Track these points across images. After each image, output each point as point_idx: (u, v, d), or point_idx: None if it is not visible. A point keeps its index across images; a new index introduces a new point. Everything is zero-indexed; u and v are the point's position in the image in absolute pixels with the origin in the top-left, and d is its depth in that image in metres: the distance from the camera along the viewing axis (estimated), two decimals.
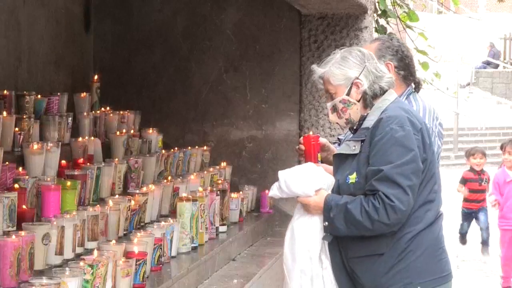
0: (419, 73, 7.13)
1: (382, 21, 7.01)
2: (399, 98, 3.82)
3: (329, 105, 3.77)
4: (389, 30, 7.04)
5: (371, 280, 3.64)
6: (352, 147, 3.67)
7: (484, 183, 10.11)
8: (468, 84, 27.89)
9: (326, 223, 3.63)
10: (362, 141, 3.64)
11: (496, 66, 29.35)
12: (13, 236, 3.66)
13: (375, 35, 6.68)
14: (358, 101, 3.69)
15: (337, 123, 3.82)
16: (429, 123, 4.07)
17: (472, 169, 10.51)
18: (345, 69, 3.69)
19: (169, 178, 5.58)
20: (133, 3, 6.72)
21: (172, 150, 5.98)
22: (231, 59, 6.63)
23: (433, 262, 3.68)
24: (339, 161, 3.74)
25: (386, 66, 4.41)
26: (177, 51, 6.68)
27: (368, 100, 3.69)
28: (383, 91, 3.70)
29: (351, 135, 3.84)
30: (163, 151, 5.86)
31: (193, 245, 4.93)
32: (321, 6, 6.09)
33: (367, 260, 3.63)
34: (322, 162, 4.49)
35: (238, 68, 6.62)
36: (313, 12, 6.28)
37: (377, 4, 6.68)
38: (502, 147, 9.20)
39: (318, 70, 3.74)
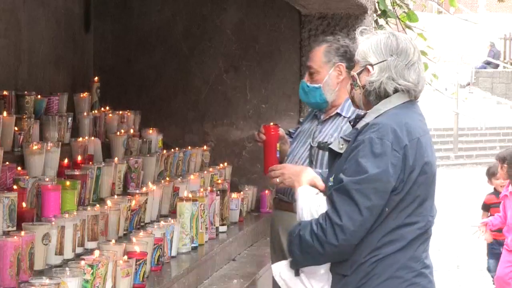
0: None
1: (382, 21, 7.01)
2: (410, 106, 3.47)
3: (351, 74, 3.55)
4: (388, 30, 7.04)
5: None
6: (340, 146, 3.45)
7: None
8: (468, 84, 27.91)
9: (290, 258, 3.41)
10: (349, 141, 3.42)
11: (496, 66, 29.37)
12: (13, 236, 3.66)
13: None
14: (363, 87, 3.44)
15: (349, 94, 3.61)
16: None
17: (495, 191, 8.35)
18: (369, 50, 3.43)
19: (169, 178, 5.58)
20: (133, 3, 6.72)
21: (172, 150, 5.98)
22: (231, 59, 6.63)
23: (400, 287, 3.36)
24: (332, 157, 3.53)
25: (338, 67, 4.51)
26: (177, 51, 6.69)
27: (368, 93, 3.43)
28: (387, 94, 3.40)
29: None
30: (163, 151, 5.86)
31: (193, 245, 4.93)
32: (321, 6, 6.09)
33: (333, 278, 3.41)
34: (280, 152, 4.57)
35: (238, 68, 6.62)
36: (313, 12, 6.28)
37: (377, 4, 6.68)
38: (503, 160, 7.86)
39: (358, 37, 3.52)
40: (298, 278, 3.45)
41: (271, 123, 4.66)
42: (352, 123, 3.54)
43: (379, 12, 6.81)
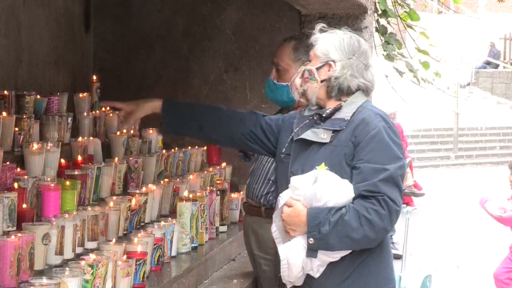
0: (420, 72, 7.14)
1: (382, 21, 7.01)
2: (368, 101, 3.67)
3: (302, 67, 3.67)
4: (389, 30, 7.03)
5: (328, 286, 3.49)
6: (322, 135, 3.51)
7: None
8: (468, 84, 27.91)
9: (312, 239, 3.40)
10: (334, 131, 3.50)
11: (496, 66, 29.37)
12: (13, 236, 3.66)
13: (376, 35, 6.68)
14: (322, 81, 3.58)
15: (296, 89, 3.71)
16: None
17: None
18: (332, 47, 3.59)
19: (169, 178, 5.58)
20: (133, 3, 6.72)
21: (172, 150, 5.98)
22: (231, 59, 6.63)
23: (387, 270, 3.58)
24: (300, 147, 3.58)
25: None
26: (177, 51, 6.68)
27: (332, 89, 3.57)
28: (350, 91, 3.57)
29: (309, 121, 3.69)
30: (163, 151, 5.86)
31: (193, 245, 4.93)
32: (321, 6, 6.08)
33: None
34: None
35: (238, 68, 6.62)
36: (313, 12, 6.28)
37: (377, 4, 6.67)
38: None
39: (317, 33, 3.66)
40: (309, 260, 3.44)
41: None
42: (321, 115, 3.60)
43: (379, 11, 6.80)
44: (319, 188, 3.40)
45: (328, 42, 3.61)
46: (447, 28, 28.71)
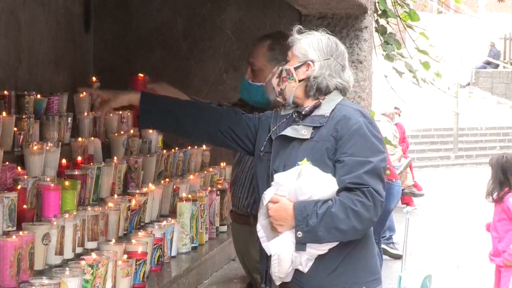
0: (420, 73, 7.14)
1: (382, 21, 7.00)
2: (344, 99, 3.74)
3: (280, 67, 3.72)
4: (389, 30, 7.03)
5: (316, 279, 3.53)
6: (302, 132, 3.57)
7: None
8: (468, 84, 27.91)
9: (300, 233, 3.44)
10: (315, 128, 3.56)
11: (496, 66, 29.37)
12: (13, 236, 3.66)
13: (375, 35, 6.68)
14: (300, 81, 3.65)
15: (273, 88, 3.74)
16: None
17: None
18: (310, 48, 3.67)
19: (169, 178, 5.58)
20: (133, 3, 6.72)
21: (172, 150, 5.98)
22: (231, 59, 6.63)
23: (373, 262, 3.65)
24: (280, 145, 3.64)
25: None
26: (177, 51, 6.68)
27: (310, 88, 3.64)
28: (327, 90, 3.65)
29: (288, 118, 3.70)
30: (163, 151, 5.86)
31: (193, 245, 4.93)
32: (321, 6, 6.08)
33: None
34: None
35: (238, 68, 6.61)
36: (313, 12, 6.27)
37: (377, 4, 6.67)
38: None
39: (295, 34, 3.72)
40: (297, 254, 3.48)
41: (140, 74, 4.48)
42: (300, 113, 3.66)
43: (379, 12, 6.80)
44: (304, 182, 3.45)
45: (307, 43, 3.68)
46: (447, 28, 28.70)
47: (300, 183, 3.45)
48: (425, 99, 19.04)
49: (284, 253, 3.48)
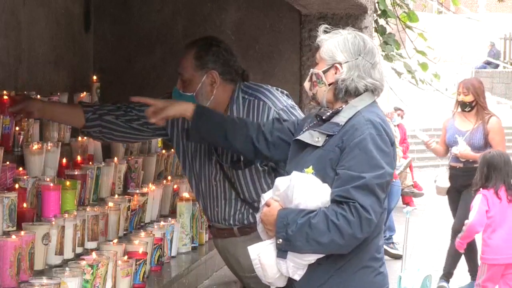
0: (418, 73, 7.14)
1: (382, 21, 7.01)
2: (375, 103, 3.63)
3: (311, 70, 3.63)
4: (388, 30, 7.04)
5: None
6: (316, 139, 3.48)
7: None
8: None
9: (280, 240, 3.36)
10: (328, 136, 3.47)
11: (496, 66, 29.37)
12: (13, 236, 3.66)
13: (375, 35, 6.68)
14: (329, 85, 3.54)
15: (307, 92, 3.67)
16: (279, 100, 4.08)
17: None
18: (337, 49, 3.54)
19: (169, 178, 5.58)
20: (133, 3, 6.72)
21: (172, 150, 5.97)
22: None
23: (370, 276, 3.50)
24: (297, 149, 3.56)
25: (210, 75, 4.11)
26: (177, 51, 6.67)
27: (339, 91, 3.52)
28: (358, 92, 3.53)
29: (312, 123, 3.63)
30: (163, 151, 5.86)
31: (193, 245, 4.93)
32: (321, 6, 6.08)
33: (309, 265, 3.42)
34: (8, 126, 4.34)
35: None
36: (313, 12, 6.28)
37: (377, 4, 6.68)
38: None
39: (321, 34, 3.61)
40: (281, 261, 3.41)
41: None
42: (321, 117, 3.57)
43: (379, 12, 6.80)
44: (291, 189, 3.38)
45: (333, 44, 3.56)
46: (447, 28, 28.70)
47: (287, 191, 3.39)
48: (425, 99, 19.03)
49: (266, 259, 3.42)
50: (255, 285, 4.16)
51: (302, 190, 3.37)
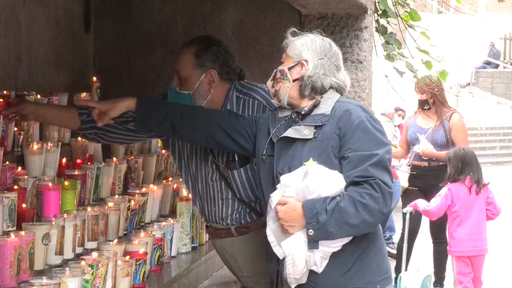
0: (422, 72, 7.13)
1: (382, 21, 7.00)
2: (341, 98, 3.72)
3: (277, 69, 3.74)
4: (389, 30, 7.03)
5: (330, 279, 3.51)
6: (304, 132, 3.56)
7: None
8: (468, 84, 27.91)
9: (312, 230, 3.43)
10: (317, 127, 3.55)
11: (496, 66, 29.37)
12: (13, 236, 3.66)
13: (375, 35, 6.67)
14: (294, 81, 3.66)
15: (269, 90, 3.76)
16: None
17: None
18: (304, 48, 3.69)
19: (169, 178, 5.58)
20: (133, 3, 6.71)
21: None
22: None
23: (384, 260, 3.66)
24: (282, 147, 3.62)
25: (209, 74, 4.13)
26: (177, 51, 6.67)
27: (304, 87, 3.63)
28: (323, 90, 3.65)
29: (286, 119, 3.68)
30: (163, 151, 5.86)
31: (193, 245, 4.93)
32: (321, 6, 6.08)
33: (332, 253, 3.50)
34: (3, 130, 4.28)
35: None
36: (313, 12, 6.27)
37: (377, 4, 6.67)
38: None
39: (289, 36, 3.78)
40: (310, 253, 3.47)
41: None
42: (300, 113, 3.64)
43: (379, 12, 6.79)
44: (311, 181, 3.44)
45: (300, 43, 3.71)
46: (447, 28, 28.70)
47: (307, 182, 3.44)
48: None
49: (298, 253, 3.47)
50: (253, 285, 4.17)
51: (320, 180, 3.44)
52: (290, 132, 3.60)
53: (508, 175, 18.06)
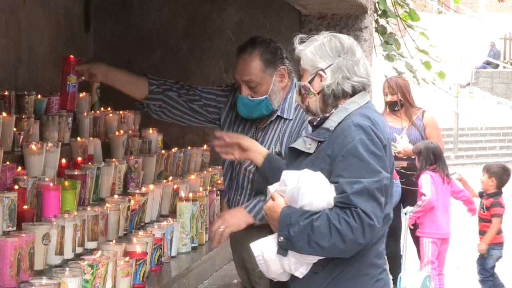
0: (420, 72, 7.13)
1: (382, 21, 7.00)
2: (371, 105, 3.57)
3: (298, 83, 3.61)
4: (389, 30, 7.03)
5: None
6: (308, 145, 3.47)
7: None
8: (468, 84, 27.91)
9: (282, 238, 3.34)
10: (320, 142, 3.45)
11: (496, 66, 29.38)
12: (13, 236, 3.66)
13: (375, 35, 6.67)
14: (318, 93, 3.50)
15: (301, 106, 3.65)
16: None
17: None
18: (316, 57, 3.51)
19: (169, 178, 5.58)
20: (133, 3, 6.72)
21: (172, 150, 5.98)
22: (231, 59, 6.60)
23: (370, 284, 3.47)
24: (293, 156, 3.55)
25: (279, 71, 4.15)
26: (177, 51, 6.68)
27: (327, 97, 3.49)
28: (346, 94, 3.49)
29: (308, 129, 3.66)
30: (163, 151, 5.86)
31: (193, 245, 4.93)
32: (321, 6, 6.08)
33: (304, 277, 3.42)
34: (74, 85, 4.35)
35: None
36: (313, 12, 6.27)
37: (377, 4, 6.67)
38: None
39: (297, 45, 3.60)
40: (282, 258, 3.40)
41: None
42: (313, 124, 3.55)
43: (379, 12, 6.80)
44: (298, 189, 3.37)
45: (311, 52, 3.54)
46: (447, 28, 28.70)
47: (294, 189, 3.37)
48: (425, 99, 19.05)
49: (269, 254, 3.43)
50: (259, 280, 4.15)
51: (311, 188, 3.35)
52: (298, 143, 3.53)
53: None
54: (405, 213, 8.13)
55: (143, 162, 5.44)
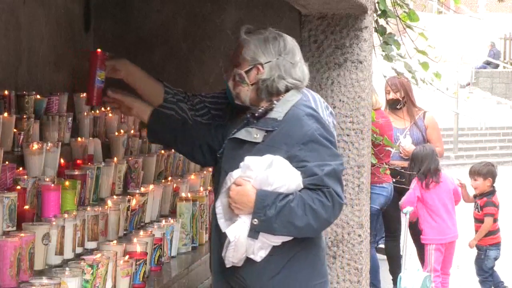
0: (419, 73, 7.13)
1: (382, 21, 7.00)
2: (302, 98, 3.71)
3: (234, 70, 3.70)
4: (388, 30, 7.03)
5: (258, 283, 3.55)
6: (254, 135, 3.56)
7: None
8: (468, 84, 27.93)
9: (256, 220, 3.46)
10: (267, 131, 3.55)
11: (496, 66, 29.39)
12: (13, 236, 3.66)
13: (375, 35, 6.67)
14: (252, 84, 3.64)
15: (231, 91, 3.73)
16: (322, 114, 3.95)
17: None
18: (258, 50, 3.64)
19: (169, 178, 5.58)
20: (133, 3, 6.72)
21: (172, 150, 5.97)
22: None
23: (320, 263, 3.64)
24: (233, 147, 3.63)
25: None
26: (177, 51, 6.68)
27: (260, 91, 3.63)
28: (279, 92, 3.63)
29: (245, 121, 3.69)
30: (163, 151, 5.86)
31: (193, 245, 4.93)
32: (321, 6, 6.08)
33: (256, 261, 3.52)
34: (103, 81, 4.35)
35: None
36: (313, 12, 6.27)
37: (377, 4, 6.67)
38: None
39: (243, 34, 3.70)
40: (251, 241, 3.48)
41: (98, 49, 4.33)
42: (254, 114, 3.65)
43: (379, 12, 6.80)
44: (273, 173, 3.47)
45: (254, 45, 3.66)
46: (447, 28, 28.72)
47: (269, 173, 3.47)
48: (425, 99, 19.06)
49: (241, 239, 3.50)
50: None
51: (282, 174, 3.46)
52: (242, 134, 3.62)
53: (508, 175, 18.06)
54: (405, 213, 8.14)
55: (143, 162, 5.44)
